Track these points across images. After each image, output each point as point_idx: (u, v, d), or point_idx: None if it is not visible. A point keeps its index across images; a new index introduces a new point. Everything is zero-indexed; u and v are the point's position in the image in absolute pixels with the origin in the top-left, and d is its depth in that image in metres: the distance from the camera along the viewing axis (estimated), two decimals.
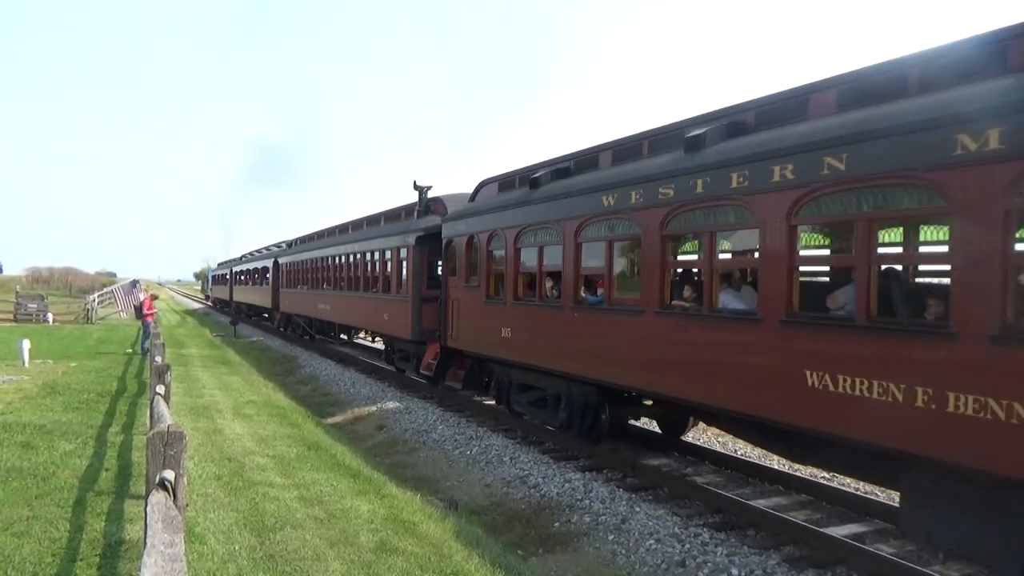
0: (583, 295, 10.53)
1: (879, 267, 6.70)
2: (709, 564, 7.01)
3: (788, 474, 9.60)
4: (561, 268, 10.82)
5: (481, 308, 13.38)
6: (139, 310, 25.68)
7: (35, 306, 39.20)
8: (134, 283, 53.86)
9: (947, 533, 6.11)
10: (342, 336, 27.58)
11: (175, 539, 3.48)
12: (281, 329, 33.43)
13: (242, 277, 43.57)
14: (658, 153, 9.39)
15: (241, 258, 47.29)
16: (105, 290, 56.26)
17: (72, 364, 19.27)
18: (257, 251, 43.53)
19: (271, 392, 16.90)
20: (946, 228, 6.63)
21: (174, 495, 4.37)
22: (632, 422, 12.08)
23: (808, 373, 6.79)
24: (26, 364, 18.38)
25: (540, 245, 11.46)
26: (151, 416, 7.98)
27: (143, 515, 4.31)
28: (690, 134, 8.51)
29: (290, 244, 32.40)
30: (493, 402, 14.23)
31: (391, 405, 15.87)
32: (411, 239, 16.59)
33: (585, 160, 11.12)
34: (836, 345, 6.62)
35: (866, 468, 7.38)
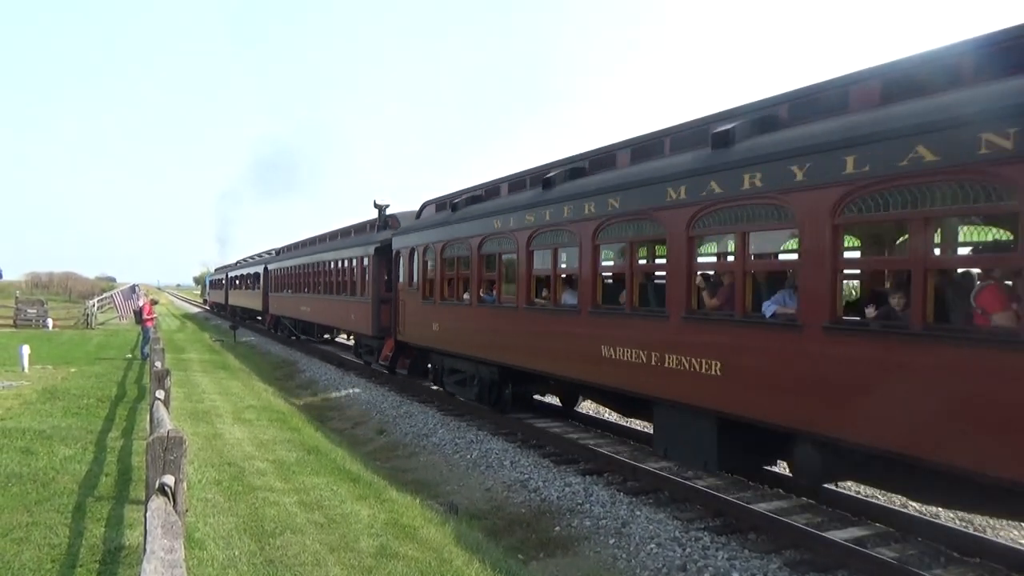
0: (482, 295, 13.53)
1: (641, 274, 9.98)
2: (710, 568, 7.00)
3: (789, 478, 9.59)
4: (469, 274, 13.84)
5: (420, 307, 16.33)
6: (139, 315, 25.68)
7: (35, 311, 39.17)
8: (133, 288, 53.81)
9: (673, 447, 9.42)
10: (325, 336, 29.87)
11: (175, 545, 3.47)
12: (271, 330, 35.84)
13: (237, 282, 46.25)
14: (534, 187, 12.40)
15: (236, 264, 50.18)
16: (105, 295, 56.24)
17: (72, 369, 19.25)
18: (250, 258, 45.90)
19: (271, 397, 16.89)
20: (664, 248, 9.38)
21: (174, 500, 4.37)
22: (537, 397, 15.00)
23: (602, 347, 10.01)
24: (26, 370, 18.37)
25: (457, 256, 14.57)
26: (151, 421, 7.98)
27: (143, 520, 4.30)
28: (548, 174, 11.80)
29: (278, 252, 35.71)
30: (435, 386, 16.81)
31: (391, 409, 15.86)
32: (371, 250, 19.74)
33: (490, 188, 14.33)
34: (615, 327, 9.85)
35: (632, 407, 11.25)
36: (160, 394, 8.33)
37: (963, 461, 5.75)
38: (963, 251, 7.77)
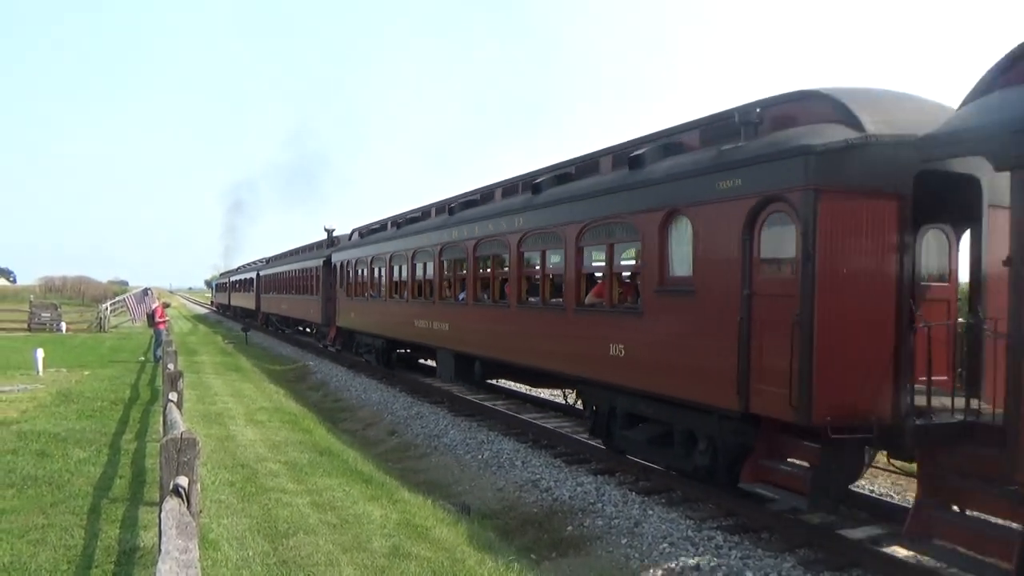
0: (370, 293, 21.19)
1: (529, 276, 12.63)
2: (723, 567, 6.97)
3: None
4: (370, 279, 21.42)
5: (346, 302, 23.70)
6: (151, 318, 25.86)
7: (48, 315, 39.47)
8: (146, 291, 54.17)
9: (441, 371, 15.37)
10: (305, 329, 34.61)
11: (189, 545, 3.49)
12: (263, 326, 42.21)
13: (237, 286, 53.65)
14: (440, 214, 16.89)
15: (237, 270, 59.17)
16: (117, 299, 56.62)
17: (85, 372, 19.40)
18: (247, 264, 54.15)
19: (283, 398, 16.95)
20: (560, 255, 11.42)
21: (188, 501, 4.39)
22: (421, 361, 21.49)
23: (416, 321, 16.79)
24: (40, 373, 18.52)
25: (364, 267, 21.84)
26: (164, 423, 8.02)
27: (157, 521, 4.33)
28: (453, 204, 16.00)
29: (268, 260, 42.45)
30: (361, 358, 23.27)
31: (402, 411, 15.88)
32: (320, 262, 27.16)
33: (382, 224, 21.26)
34: (501, 319, 13.22)
35: (429, 350, 17.86)
36: (173, 396, 8.38)
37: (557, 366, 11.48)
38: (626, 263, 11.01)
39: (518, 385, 16.77)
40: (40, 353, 19.04)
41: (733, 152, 7.78)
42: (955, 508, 6.54)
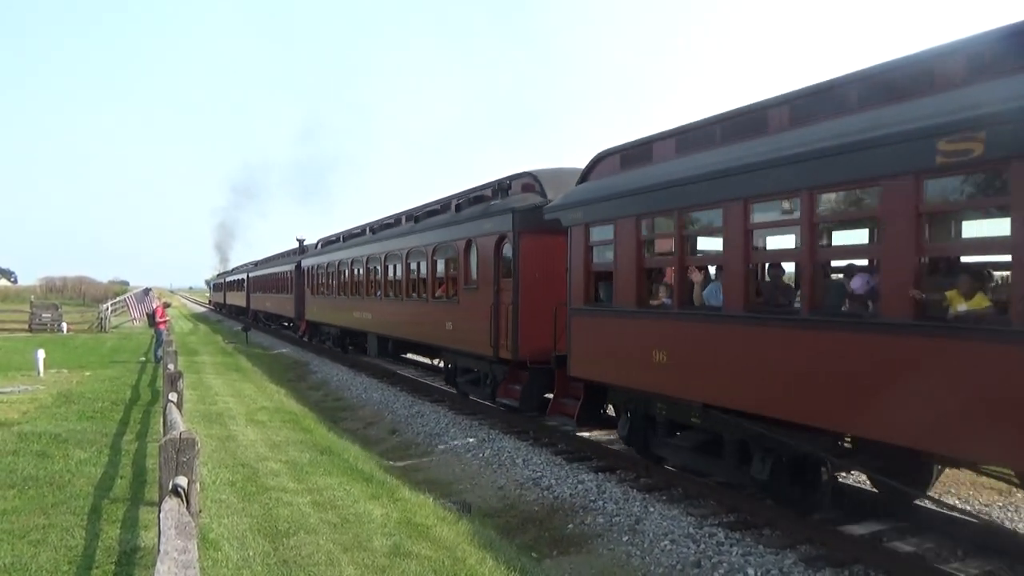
0: (327, 292, 25.89)
1: (412, 279, 17.53)
2: (725, 564, 6.97)
3: None
4: (329, 281, 25.96)
5: (311, 299, 29.10)
6: (151, 318, 25.84)
7: (49, 316, 39.46)
8: (146, 291, 54.14)
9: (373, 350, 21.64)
10: (284, 323, 38.70)
11: (188, 545, 3.48)
12: (253, 321, 45.66)
13: (232, 285, 58.83)
14: (370, 232, 21.85)
15: (231, 271, 65.19)
16: (118, 299, 56.61)
17: (86, 373, 19.39)
18: (239, 266, 59.53)
19: (283, 398, 16.95)
20: (425, 265, 16.78)
21: (187, 501, 4.38)
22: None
23: (354, 312, 22.41)
24: (41, 374, 18.51)
25: (324, 271, 26.84)
26: (164, 423, 8.01)
27: (157, 522, 4.31)
28: (376, 225, 21.77)
29: (256, 264, 47.26)
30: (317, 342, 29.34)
31: (403, 409, 15.88)
32: (292, 266, 32.38)
33: (337, 237, 26.68)
34: (399, 309, 18.24)
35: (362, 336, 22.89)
36: (173, 396, 8.37)
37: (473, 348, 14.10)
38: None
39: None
40: (41, 354, 19.03)
41: (489, 208, 13.49)
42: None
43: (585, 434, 11.94)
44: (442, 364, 17.73)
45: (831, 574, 6.65)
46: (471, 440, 12.61)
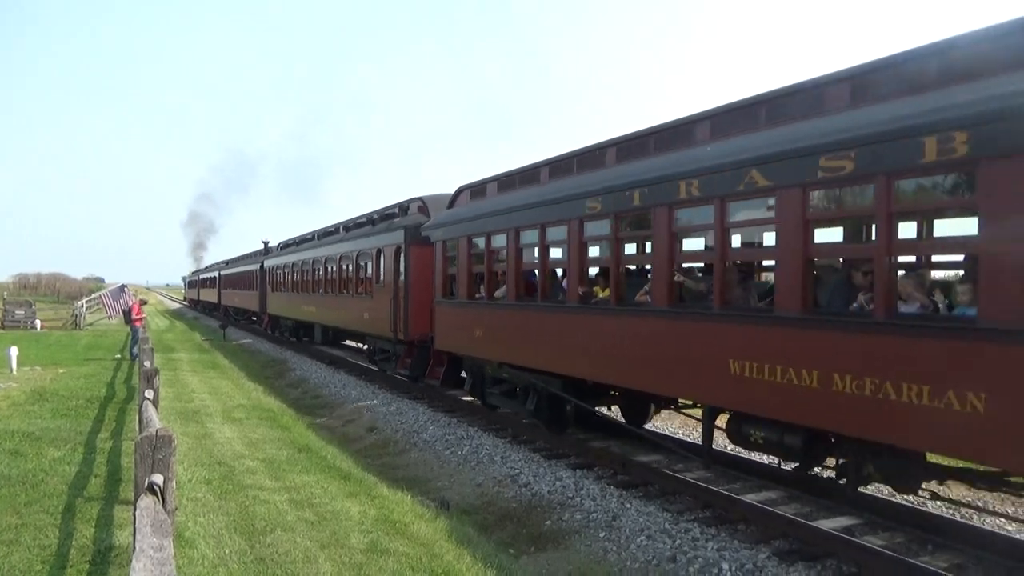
0: (284, 289, 29.61)
1: (341, 278, 22.08)
2: (700, 559, 7.05)
3: (778, 469, 9.67)
4: (287, 279, 29.07)
5: (272, 295, 32.36)
6: (127, 315, 25.57)
7: (23, 312, 38.89)
8: (122, 288, 53.45)
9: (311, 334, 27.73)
10: (251, 317, 41.65)
11: (164, 543, 3.48)
12: (225, 316, 48.65)
13: (204, 283, 62.66)
14: (337, 233, 23.39)
15: (205, 269, 69.43)
16: (93, 296, 55.85)
17: (60, 370, 19.15)
18: (212, 265, 63.40)
19: (261, 395, 16.85)
20: (351, 266, 20.88)
21: (163, 499, 4.37)
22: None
23: (303, 306, 26.62)
24: (14, 371, 18.25)
25: (282, 271, 30.23)
26: (140, 421, 7.95)
27: (132, 520, 4.30)
28: (320, 232, 26.24)
29: (227, 263, 50.95)
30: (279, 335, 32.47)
31: (381, 407, 15.85)
32: (257, 266, 35.74)
33: (293, 241, 29.47)
34: (332, 304, 22.78)
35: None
36: (149, 394, 8.30)
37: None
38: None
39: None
40: (14, 351, 18.76)
41: (392, 224, 17.39)
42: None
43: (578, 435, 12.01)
44: (366, 347, 22.27)
45: (804, 568, 6.75)
46: (450, 437, 12.63)
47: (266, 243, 36.90)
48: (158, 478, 4.50)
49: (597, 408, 10.99)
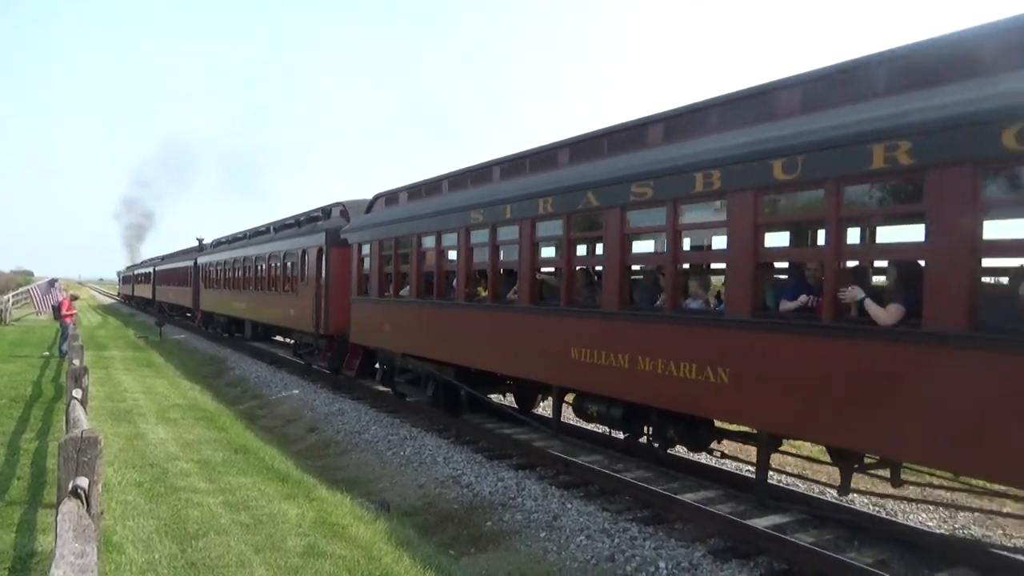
0: (216, 286, 30.60)
1: (269, 276, 23.13)
2: (637, 558, 7.15)
3: (715, 468, 9.89)
4: (220, 276, 29.63)
5: (204, 291, 33.02)
6: (57, 311, 24.59)
7: None
8: (52, 282, 51.40)
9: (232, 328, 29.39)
10: (186, 313, 41.09)
11: (87, 549, 3.36)
12: (159, 312, 47.66)
13: (139, 278, 62.52)
14: (267, 233, 24.09)
15: (139, 264, 68.57)
16: (20, 290, 53.58)
17: None
18: (147, 260, 63.50)
19: (198, 395, 16.41)
20: (280, 266, 21.86)
21: (88, 503, 4.21)
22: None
23: (234, 302, 27.34)
24: None
25: (215, 268, 30.45)
26: (67, 421, 7.65)
27: (54, 525, 4.13)
28: (249, 232, 27.51)
29: (162, 258, 50.70)
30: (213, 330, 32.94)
31: (323, 407, 15.62)
32: (191, 262, 35.95)
33: (226, 240, 30.28)
34: (260, 300, 23.90)
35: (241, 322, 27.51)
36: (77, 393, 8.01)
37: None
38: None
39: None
40: None
41: (315, 227, 18.67)
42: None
43: (522, 436, 12.01)
44: (292, 341, 22.49)
45: (737, 565, 6.91)
46: (392, 438, 12.52)
47: (200, 240, 37.12)
48: (83, 481, 4.34)
49: (492, 395, 12.74)
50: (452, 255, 12.22)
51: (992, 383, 5.17)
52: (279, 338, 27.55)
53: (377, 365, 15.51)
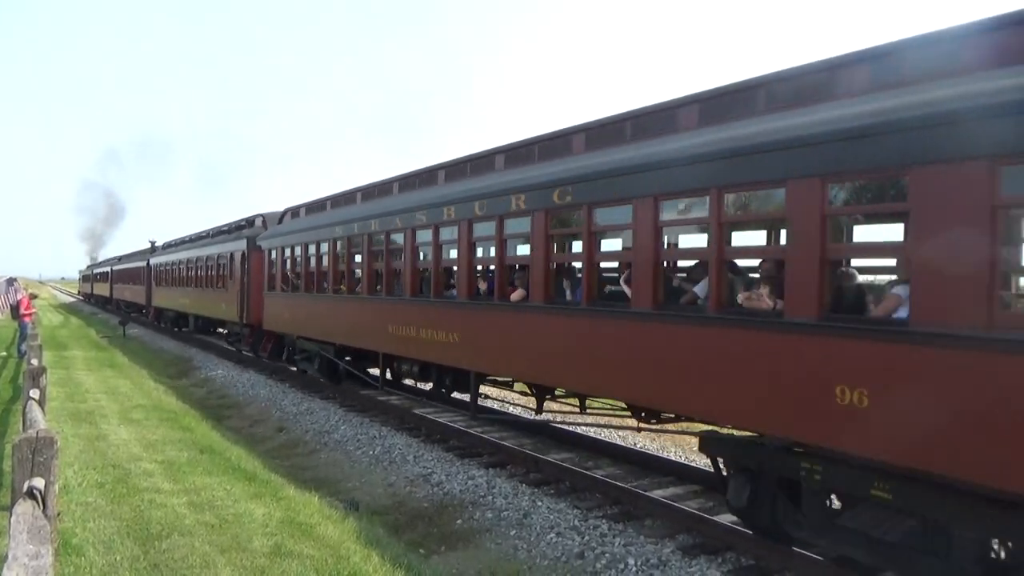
0: (167, 284, 33.06)
1: (204, 276, 26.63)
2: (607, 555, 7.16)
3: (684, 465, 9.95)
4: (170, 275, 32.50)
5: (157, 290, 35.72)
6: (15, 310, 23.97)
7: None
8: (10, 281, 50.17)
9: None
10: (142, 310, 42.68)
11: (41, 550, 3.25)
12: (116, 309, 50.89)
13: (97, 277, 65.48)
14: (208, 237, 27.51)
15: (99, 263, 71.28)
16: None
17: None
18: (105, 260, 66.65)
19: (162, 395, 16.08)
20: (204, 267, 26.54)
21: (44, 504, 4.08)
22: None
23: (183, 300, 30.20)
24: None
25: (166, 269, 33.35)
26: (24, 422, 7.44)
27: (7, 527, 4.00)
28: (195, 236, 30.92)
29: (119, 259, 53.63)
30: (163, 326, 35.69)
31: (291, 407, 15.44)
32: (144, 263, 38.59)
33: (177, 241, 33.21)
34: (201, 296, 27.05)
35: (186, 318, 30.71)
36: (35, 393, 7.77)
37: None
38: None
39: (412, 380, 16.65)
40: None
41: (240, 234, 21.89)
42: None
43: (492, 435, 11.97)
44: (226, 331, 25.86)
45: (706, 561, 6.95)
46: (361, 437, 12.41)
47: (153, 242, 40.87)
48: (39, 482, 4.20)
49: (371, 369, 15.01)
50: (325, 261, 15.55)
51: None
52: (221, 330, 29.91)
53: (285, 348, 19.11)
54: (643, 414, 8.60)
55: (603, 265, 8.98)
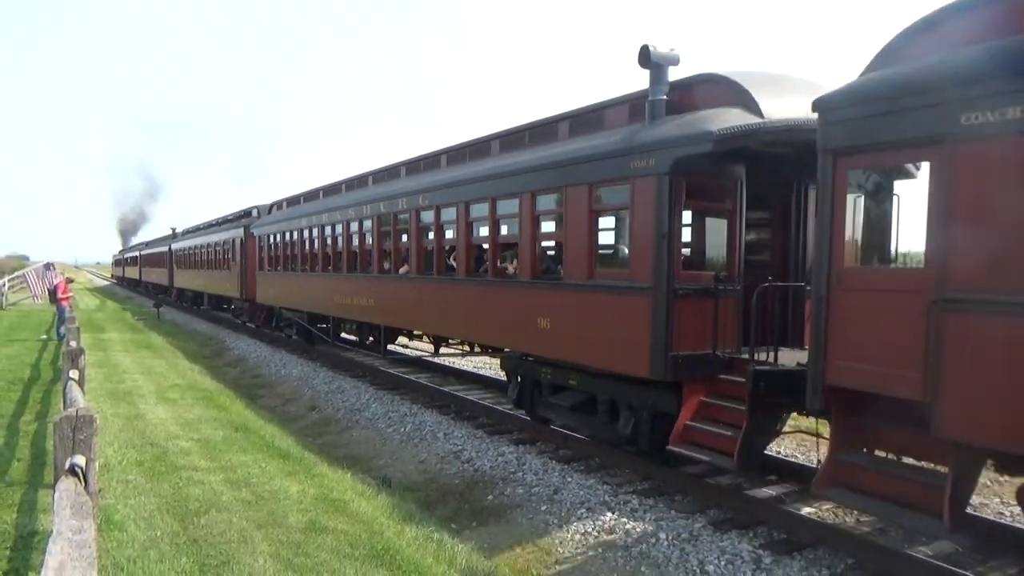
0: (186, 267, 37.53)
1: (197, 259, 34.60)
2: (638, 529, 7.18)
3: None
4: (184, 259, 37.84)
5: (178, 272, 39.94)
6: (53, 294, 24.49)
7: None
8: (48, 266, 51.24)
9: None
10: (168, 292, 45.60)
11: (84, 525, 3.34)
12: (144, 291, 56.15)
13: (128, 261, 70.57)
14: (216, 225, 32.26)
15: (128, 248, 78.25)
16: (16, 274, 53.35)
17: None
18: (134, 246, 73.71)
19: (197, 375, 16.41)
20: (187, 260, 38.03)
21: (85, 481, 4.19)
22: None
23: (196, 280, 35.95)
24: None
25: (184, 254, 37.85)
26: (64, 402, 7.63)
27: (51, 503, 4.12)
28: (190, 228, 39.84)
29: (146, 244, 60.14)
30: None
31: (323, 385, 15.64)
32: (167, 248, 42.79)
33: (193, 229, 38.87)
34: (218, 275, 30.39)
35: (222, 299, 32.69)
36: (74, 374, 7.98)
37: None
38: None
39: (443, 359, 16.71)
40: None
41: (238, 223, 26.23)
42: None
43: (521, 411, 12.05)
44: (232, 307, 29.88)
45: (737, 535, 6.93)
46: (392, 415, 12.54)
47: (174, 229, 45.65)
48: (80, 459, 4.32)
49: (348, 335, 18.69)
50: (296, 246, 19.60)
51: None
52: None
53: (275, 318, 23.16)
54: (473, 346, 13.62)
55: (447, 249, 12.55)
